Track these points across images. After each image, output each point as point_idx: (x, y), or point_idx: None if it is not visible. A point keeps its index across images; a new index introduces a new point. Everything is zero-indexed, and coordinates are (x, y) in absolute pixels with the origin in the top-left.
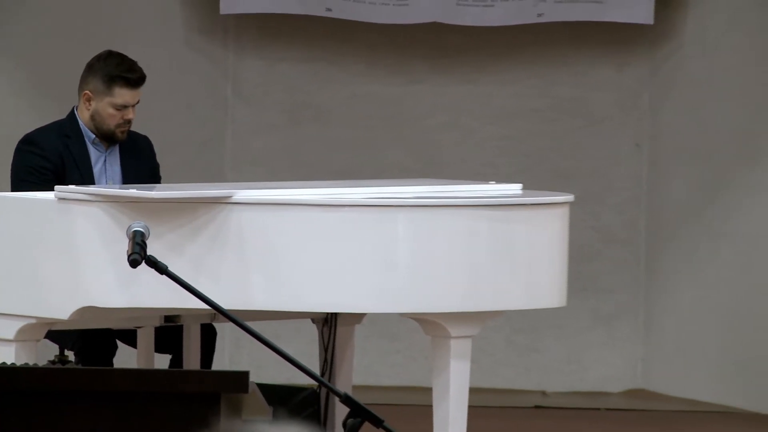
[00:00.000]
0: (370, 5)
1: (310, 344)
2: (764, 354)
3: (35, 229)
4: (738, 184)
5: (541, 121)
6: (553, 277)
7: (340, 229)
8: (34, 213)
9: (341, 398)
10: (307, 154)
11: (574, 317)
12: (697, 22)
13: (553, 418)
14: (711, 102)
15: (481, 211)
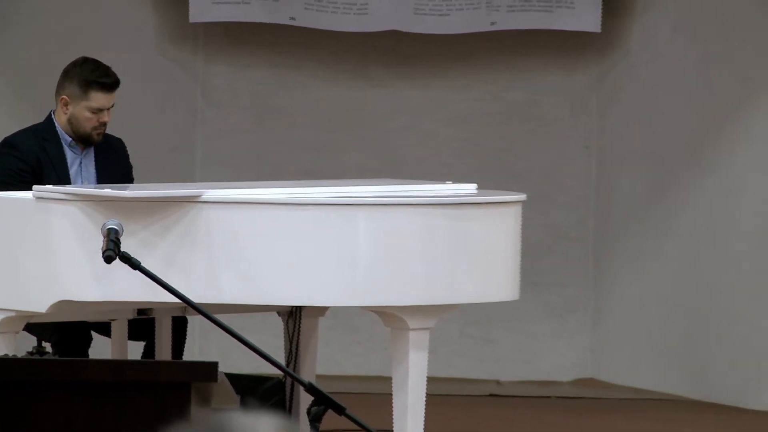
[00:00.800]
0: (332, 14)
1: (275, 336)
2: (705, 345)
3: (15, 228)
4: (682, 185)
5: (494, 124)
6: (507, 272)
7: (304, 227)
8: (14, 212)
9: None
10: (273, 155)
11: (527, 310)
12: (643, 30)
13: (507, 405)
14: (656, 106)
15: (438, 210)
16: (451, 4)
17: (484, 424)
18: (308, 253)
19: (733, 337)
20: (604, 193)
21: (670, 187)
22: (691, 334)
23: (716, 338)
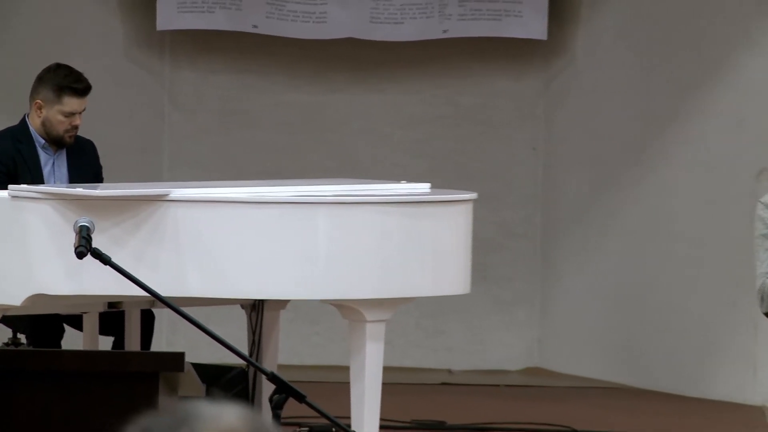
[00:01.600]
0: (292, 22)
1: (239, 328)
2: (645, 336)
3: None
4: (624, 184)
5: (447, 126)
6: (458, 267)
7: (266, 224)
8: None
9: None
10: (237, 156)
11: (477, 303)
12: (587, 38)
13: (458, 394)
14: (600, 110)
15: (393, 208)
16: (405, 13)
17: (437, 411)
18: (270, 249)
19: (671, 329)
20: (551, 193)
21: (612, 186)
22: (633, 326)
23: (656, 329)
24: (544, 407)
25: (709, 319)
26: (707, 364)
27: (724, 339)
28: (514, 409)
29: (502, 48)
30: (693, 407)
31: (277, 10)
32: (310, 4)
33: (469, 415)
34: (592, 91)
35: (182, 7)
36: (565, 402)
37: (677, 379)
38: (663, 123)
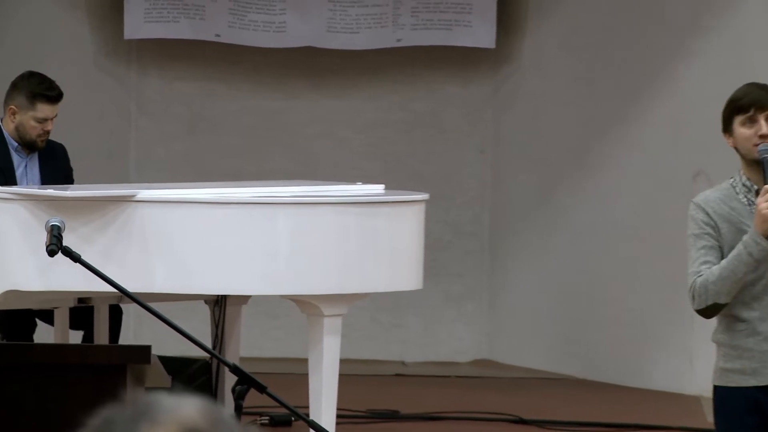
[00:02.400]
0: (253, 32)
1: (203, 322)
2: (589, 329)
3: None
4: (568, 185)
5: (400, 131)
6: (411, 263)
7: (229, 223)
8: None
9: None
10: (202, 159)
11: (429, 298)
12: (533, 46)
13: (411, 384)
14: (545, 114)
15: (350, 208)
16: (361, 23)
17: (391, 401)
18: (233, 247)
19: (613, 322)
20: (498, 193)
21: (557, 187)
22: (577, 320)
23: (598, 323)
24: (492, 397)
25: (649, 313)
26: (647, 355)
27: (663, 332)
28: (464, 399)
29: (452, 56)
30: (633, 397)
31: (239, 20)
32: (271, 15)
33: (422, 404)
34: (537, 97)
35: (148, 17)
36: (512, 392)
37: (619, 370)
38: (605, 128)
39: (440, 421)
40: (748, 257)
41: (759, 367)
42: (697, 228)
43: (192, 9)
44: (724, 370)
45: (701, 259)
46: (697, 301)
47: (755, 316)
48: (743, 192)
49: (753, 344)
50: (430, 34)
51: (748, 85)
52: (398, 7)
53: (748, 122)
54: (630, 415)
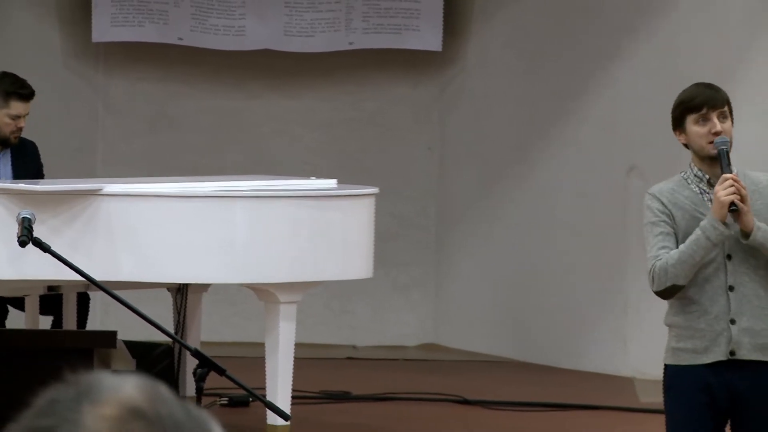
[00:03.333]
0: (214, 35)
1: (165, 309)
2: (529, 314)
3: None
4: (509, 180)
5: (352, 129)
6: (362, 254)
7: (190, 216)
8: None
9: (192, 352)
10: (164, 155)
11: (379, 286)
12: (477, 49)
13: (362, 367)
14: (488, 113)
15: (304, 201)
16: (316, 27)
17: (343, 383)
18: (194, 238)
19: (553, 309)
20: (444, 188)
21: (499, 182)
22: (517, 306)
23: (538, 309)
24: (438, 379)
25: (585, 299)
26: (583, 339)
27: (598, 317)
28: (411, 381)
29: (401, 58)
30: (570, 378)
31: (201, 24)
32: (230, 19)
33: (372, 386)
34: (481, 97)
35: (115, 22)
36: (457, 374)
37: (557, 352)
38: (545, 125)
39: (389, 402)
40: (706, 241)
41: (710, 345)
42: (654, 216)
43: (156, 14)
44: (676, 349)
45: (659, 245)
46: (656, 282)
47: (706, 298)
48: (695, 182)
49: (704, 324)
50: (381, 37)
51: (697, 85)
52: (350, 12)
53: (701, 120)
54: (567, 396)
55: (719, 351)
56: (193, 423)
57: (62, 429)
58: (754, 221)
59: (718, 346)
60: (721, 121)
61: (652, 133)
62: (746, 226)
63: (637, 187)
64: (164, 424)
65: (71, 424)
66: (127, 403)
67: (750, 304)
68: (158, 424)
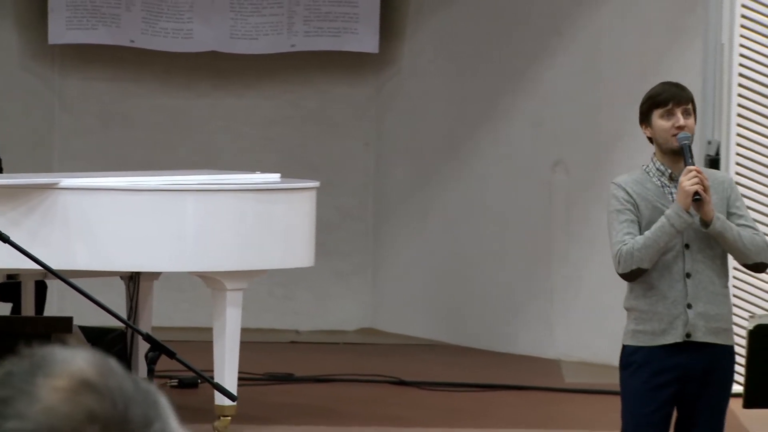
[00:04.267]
0: (163, 38)
1: (118, 296)
2: (462, 300)
3: None
4: (442, 174)
5: (294, 126)
6: (304, 243)
7: (142, 208)
8: None
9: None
10: (117, 151)
11: (320, 274)
12: (411, 51)
13: (304, 350)
14: (422, 112)
15: (249, 194)
16: (260, 30)
17: (286, 366)
18: (145, 229)
19: (483, 295)
20: (381, 181)
21: (432, 176)
22: (451, 292)
23: (470, 295)
24: (376, 361)
25: (514, 286)
26: (512, 324)
27: (526, 304)
28: (351, 363)
29: (340, 60)
30: (501, 360)
31: (151, 27)
32: (179, 23)
33: (314, 368)
34: (415, 96)
35: (70, 25)
36: (393, 357)
37: (488, 336)
38: (474, 123)
39: (330, 383)
40: (670, 228)
41: (667, 328)
42: (619, 204)
43: (109, 18)
44: (635, 331)
45: (624, 230)
46: (622, 266)
47: (665, 284)
48: (657, 176)
49: (662, 308)
50: (321, 40)
51: (664, 83)
52: (292, 16)
53: (666, 115)
54: (497, 377)
55: (676, 333)
56: (141, 395)
57: (17, 400)
58: (714, 211)
59: (675, 329)
60: (685, 117)
61: (576, 131)
62: (707, 215)
63: (561, 181)
64: (113, 396)
65: (26, 395)
66: (79, 376)
67: (705, 291)
68: (108, 396)
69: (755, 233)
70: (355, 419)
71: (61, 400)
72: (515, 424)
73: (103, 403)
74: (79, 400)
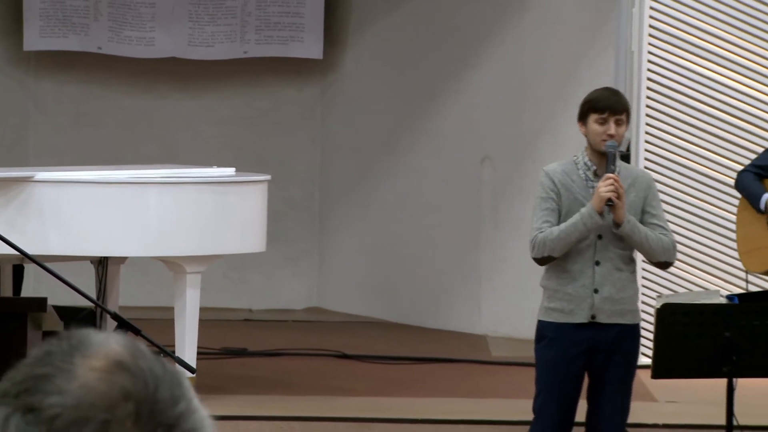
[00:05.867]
0: (128, 45)
1: (89, 278)
2: (399, 282)
3: None
4: (381, 168)
5: (248, 125)
6: (257, 231)
7: (110, 199)
8: None
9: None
10: (87, 148)
11: (271, 258)
12: (353, 57)
13: (257, 327)
14: (364, 111)
15: (207, 187)
16: (215, 38)
17: (241, 341)
18: (113, 218)
19: (418, 277)
20: (326, 175)
21: (372, 169)
22: (389, 275)
23: (406, 277)
24: (322, 337)
25: (446, 269)
26: (444, 303)
27: (456, 285)
28: (299, 338)
29: (288, 65)
30: (433, 336)
31: (116, 35)
32: (142, 31)
33: (266, 343)
34: (357, 97)
35: (43, 33)
36: (338, 333)
37: (423, 315)
38: (410, 121)
39: (280, 357)
40: (582, 227)
41: (575, 308)
42: (544, 192)
43: (78, 27)
44: (548, 308)
45: (543, 218)
46: (535, 251)
47: (577, 268)
48: (584, 168)
49: (572, 290)
50: (271, 47)
51: (606, 89)
52: (245, 25)
53: (600, 121)
54: (431, 351)
55: (582, 314)
56: (168, 376)
57: (57, 377)
58: (625, 215)
59: (582, 310)
60: (617, 125)
61: (502, 130)
62: (619, 218)
63: (489, 174)
64: (145, 377)
65: (65, 373)
66: (114, 357)
67: (612, 277)
68: (140, 376)
69: (664, 233)
70: (302, 389)
71: (97, 379)
72: (447, 393)
73: (136, 382)
74: (114, 379)
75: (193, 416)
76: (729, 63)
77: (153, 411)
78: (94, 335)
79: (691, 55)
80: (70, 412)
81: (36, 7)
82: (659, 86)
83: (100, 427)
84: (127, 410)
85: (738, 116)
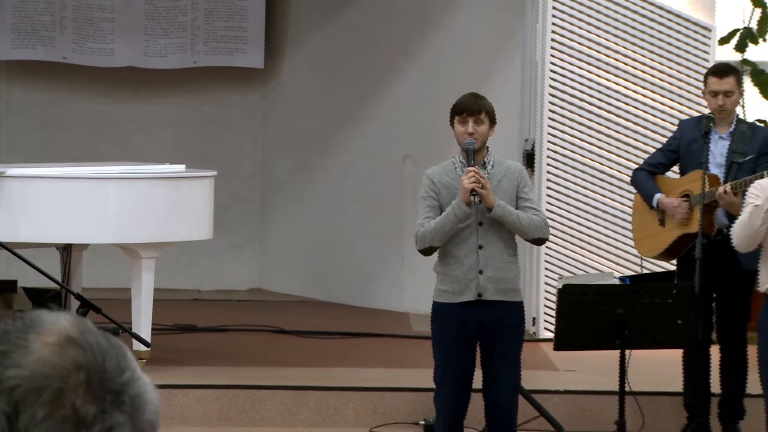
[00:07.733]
0: (90, 55)
1: (54, 263)
2: (331, 265)
3: None
4: (315, 165)
5: (198, 127)
6: (204, 221)
7: (74, 193)
8: None
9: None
10: (52, 147)
11: (217, 245)
12: (291, 65)
13: (205, 306)
14: (300, 115)
15: (160, 182)
16: (168, 50)
17: (191, 319)
18: (76, 209)
19: (348, 261)
20: (266, 171)
21: (308, 166)
22: (322, 259)
23: (337, 260)
24: (263, 315)
25: (372, 253)
26: (371, 284)
27: (382, 268)
28: (243, 316)
29: (233, 73)
30: (362, 313)
31: (80, 46)
32: (103, 43)
33: (213, 320)
34: (294, 102)
35: (14, 44)
36: (276, 311)
37: (351, 294)
38: (341, 124)
39: (226, 332)
40: (453, 216)
41: (463, 289)
42: (425, 192)
43: (45, 39)
44: (440, 290)
45: (425, 214)
46: (419, 244)
47: (462, 253)
48: (459, 167)
49: (459, 273)
50: (217, 57)
51: (469, 94)
52: (194, 38)
53: (461, 122)
54: (359, 326)
55: (470, 293)
56: (113, 349)
57: (14, 353)
58: (495, 200)
59: (469, 290)
60: (477, 125)
61: (421, 131)
62: (488, 204)
63: (410, 170)
64: (93, 349)
65: (21, 349)
66: (64, 333)
67: (494, 260)
68: (89, 349)
69: (536, 213)
70: (246, 361)
71: (51, 353)
72: (373, 364)
73: (85, 354)
74: (66, 352)
75: (137, 383)
76: (622, 72)
77: (102, 379)
78: (45, 315)
79: (588, 65)
80: (28, 383)
81: (8, 21)
82: (560, 93)
83: (55, 394)
84: (78, 379)
85: (629, 120)
